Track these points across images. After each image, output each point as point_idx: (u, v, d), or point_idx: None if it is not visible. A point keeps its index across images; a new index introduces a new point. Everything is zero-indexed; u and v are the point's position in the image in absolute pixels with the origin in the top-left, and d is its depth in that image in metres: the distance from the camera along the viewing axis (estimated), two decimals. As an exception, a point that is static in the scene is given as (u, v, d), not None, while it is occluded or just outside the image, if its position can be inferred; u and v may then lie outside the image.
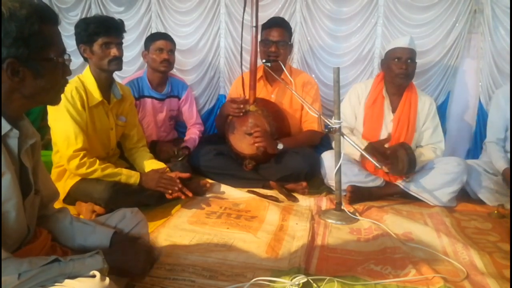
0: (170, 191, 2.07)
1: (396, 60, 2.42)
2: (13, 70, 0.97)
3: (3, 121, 0.98)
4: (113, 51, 2.00)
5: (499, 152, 2.47)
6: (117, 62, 2.04)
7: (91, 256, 1.07)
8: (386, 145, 2.39)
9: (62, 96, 1.13)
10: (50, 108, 1.99)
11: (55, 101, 1.11)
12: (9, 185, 0.98)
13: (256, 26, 2.39)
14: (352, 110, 2.61)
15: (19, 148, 1.04)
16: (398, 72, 2.41)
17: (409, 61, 2.40)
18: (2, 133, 0.98)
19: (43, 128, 2.41)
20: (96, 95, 2.05)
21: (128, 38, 3.40)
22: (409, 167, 2.27)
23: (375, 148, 2.34)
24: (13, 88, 0.99)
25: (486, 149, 2.60)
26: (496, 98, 2.58)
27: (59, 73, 1.07)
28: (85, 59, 2.07)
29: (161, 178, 2.08)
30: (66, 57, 1.08)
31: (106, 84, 2.11)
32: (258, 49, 2.54)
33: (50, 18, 1.03)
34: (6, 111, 1.00)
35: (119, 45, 2.05)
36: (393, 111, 2.51)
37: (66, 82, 1.12)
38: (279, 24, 2.67)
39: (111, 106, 2.13)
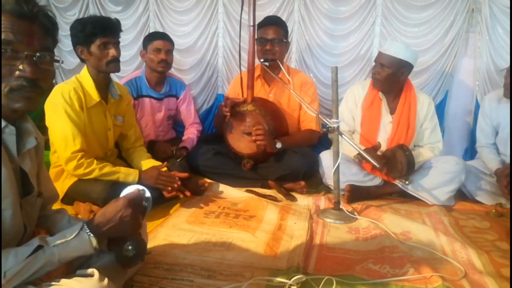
0: (169, 188, 2.08)
1: (374, 63, 2.46)
2: None
3: None
4: (112, 52, 2.00)
5: (492, 154, 2.48)
6: (116, 64, 2.03)
7: (76, 236, 1.03)
8: (383, 148, 2.38)
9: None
10: (47, 109, 1.97)
11: None
12: (4, 182, 0.96)
13: (254, 26, 2.39)
14: (350, 112, 2.60)
15: (18, 149, 1.02)
16: (372, 75, 2.44)
17: (380, 65, 2.38)
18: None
19: (42, 128, 2.39)
20: (94, 95, 2.04)
21: (126, 38, 3.39)
22: (408, 169, 2.27)
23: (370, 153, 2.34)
24: None
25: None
26: (483, 104, 2.61)
27: None
28: (82, 60, 2.06)
29: (160, 175, 2.09)
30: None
31: (103, 85, 2.10)
32: (255, 49, 2.53)
33: None
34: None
35: (117, 45, 2.04)
36: (391, 112, 2.50)
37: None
38: (273, 22, 2.67)
39: (108, 106, 2.13)
